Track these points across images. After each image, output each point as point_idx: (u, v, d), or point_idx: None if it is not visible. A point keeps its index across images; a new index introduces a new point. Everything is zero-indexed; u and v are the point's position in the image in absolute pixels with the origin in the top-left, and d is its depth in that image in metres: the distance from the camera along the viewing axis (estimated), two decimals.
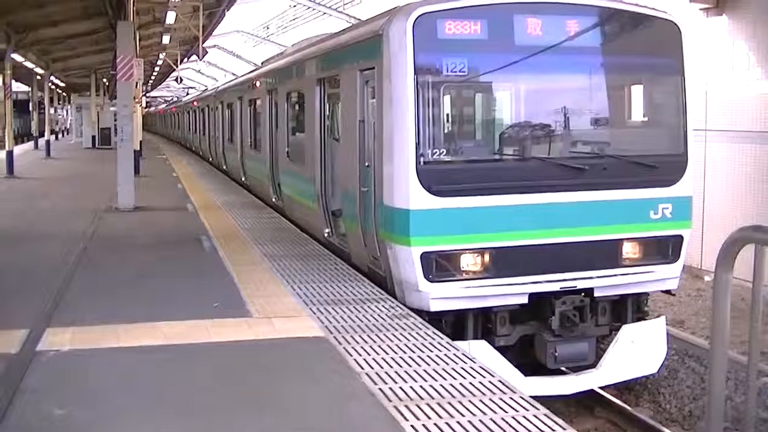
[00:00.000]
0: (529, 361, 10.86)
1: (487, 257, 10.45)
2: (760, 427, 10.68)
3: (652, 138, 12.08)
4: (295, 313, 9.57)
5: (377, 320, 9.27)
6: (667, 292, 11.99)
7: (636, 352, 11.23)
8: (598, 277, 10.86)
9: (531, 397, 6.86)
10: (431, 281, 10.24)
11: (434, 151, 10.42)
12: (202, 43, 38.26)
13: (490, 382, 7.21)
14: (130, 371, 7.61)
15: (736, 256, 4.55)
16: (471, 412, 6.44)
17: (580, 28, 11.08)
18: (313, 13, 52.42)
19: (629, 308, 11.44)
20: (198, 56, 42.66)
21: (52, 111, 65.87)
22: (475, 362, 7.79)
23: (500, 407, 6.56)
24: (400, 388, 7.00)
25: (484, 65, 11.01)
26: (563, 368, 11.29)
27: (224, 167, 31.06)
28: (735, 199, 18.37)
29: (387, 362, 7.72)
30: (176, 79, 57.65)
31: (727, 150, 18.74)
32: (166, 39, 38.76)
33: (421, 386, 7.05)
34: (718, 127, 18.85)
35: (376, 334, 8.67)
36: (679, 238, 11.34)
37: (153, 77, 70.18)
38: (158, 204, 20.60)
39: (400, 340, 8.50)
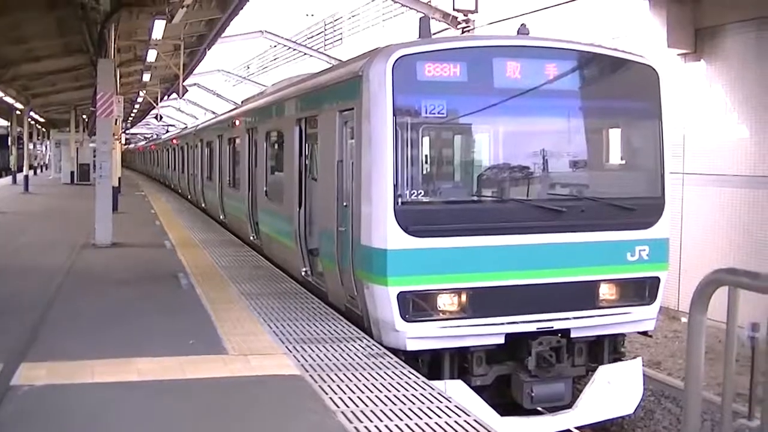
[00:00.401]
0: (505, 401, 10.83)
1: (464, 297, 10.46)
2: None
3: (630, 181, 12.16)
4: (271, 351, 9.54)
5: (353, 359, 9.25)
6: (644, 333, 12.00)
7: (612, 392, 11.23)
8: (575, 318, 10.88)
9: None
10: (408, 321, 10.23)
11: (412, 191, 10.45)
12: (183, 81, 38.28)
13: (465, 421, 7.20)
14: (104, 407, 7.57)
15: (711, 297, 4.58)
16: None
17: (559, 71, 11.18)
18: (293, 53, 52.69)
19: (606, 349, 11.46)
20: (178, 94, 42.71)
21: (31, 146, 65.70)
22: (451, 401, 7.79)
23: None
24: (376, 426, 6.98)
25: (463, 107, 11.08)
26: (540, 408, 11.27)
27: (203, 205, 31.01)
28: (711, 241, 18.47)
29: (363, 401, 7.71)
30: (156, 117, 57.64)
31: (704, 193, 18.86)
32: (146, 77, 38.74)
33: (396, 425, 7.04)
34: (696, 171, 18.99)
35: (353, 373, 8.66)
36: (656, 280, 11.39)
37: (133, 114, 70.08)
38: (136, 240, 20.51)
39: (376, 378, 8.49)
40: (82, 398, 7.80)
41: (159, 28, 23.69)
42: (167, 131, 73.02)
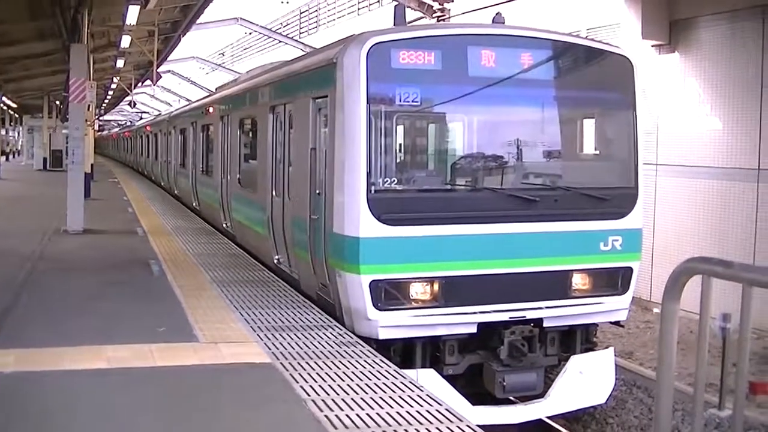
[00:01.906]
0: (477, 391, 10.83)
1: (436, 286, 10.44)
2: None
3: (604, 171, 12.17)
4: (242, 339, 9.49)
5: (325, 347, 9.21)
6: (616, 323, 12.02)
7: (584, 382, 11.24)
8: (548, 307, 10.89)
9: (479, 426, 6.83)
10: (380, 309, 10.21)
11: (385, 180, 10.42)
12: (157, 68, 38.10)
13: (437, 410, 7.17)
14: (72, 395, 7.50)
15: (684, 286, 4.56)
16: None
17: (534, 61, 11.16)
18: (268, 41, 52.53)
19: (578, 339, 11.48)
20: (152, 81, 42.48)
21: (3, 132, 65.27)
22: (422, 390, 7.76)
23: None
24: (347, 415, 6.94)
25: (437, 95, 11.05)
26: (511, 398, 11.28)
27: (176, 192, 30.90)
28: (684, 232, 18.55)
29: (334, 389, 7.67)
30: (130, 104, 57.34)
31: (677, 184, 18.94)
32: (120, 63, 38.56)
33: (367, 414, 7.00)
34: (669, 162, 19.06)
35: (324, 361, 8.61)
36: (629, 270, 11.41)
37: (106, 101, 69.79)
38: (108, 227, 20.39)
39: (347, 367, 8.45)
40: (51, 386, 7.72)
41: (133, 13, 23.55)
42: (141, 118, 72.74)
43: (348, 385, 7.84)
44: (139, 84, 54.46)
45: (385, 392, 7.66)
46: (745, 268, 4.21)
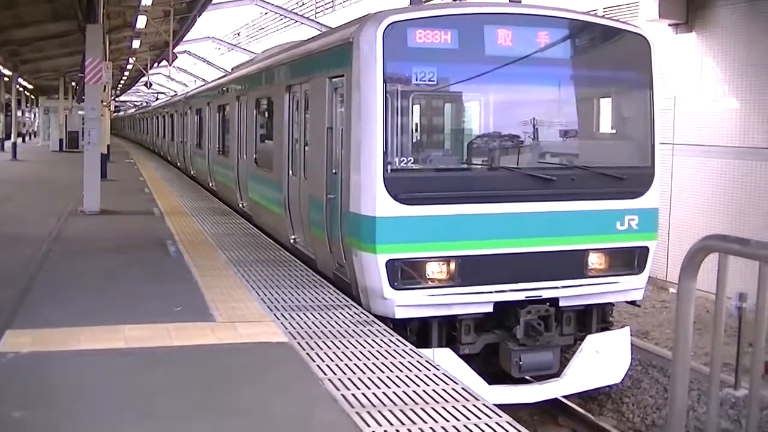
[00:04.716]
0: (493, 370, 10.86)
1: (452, 265, 10.44)
2: None
3: (620, 150, 12.14)
4: (259, 318, 9.51)
5: (342, 326, 9.23)
6: (632, 303, 12.02)
7: (600, 361, 11.25)
8: (564, 287, 10.89)
9: (495, 405, 6.85)
10: (396, 289, 10.22)
11: (402, 159, 10.42)
12: (173, 48, 38.08)
13: (453, 389, 7.19)
14: (90, 374, 7.54)
15: (700, 264, 4.55)
16: (434, 419, 6.42)
17: (551, 40, 11.12)
18: (284, 21, 52.45)
19: (594, 318, 11.48)
20: (168, 61, 42.48)
21: (19, 113, 65.40)
22: (439, 369, 7.77)
23: (464, 415, 6.54)
24: (363, 394, 6.97)
25: (453, 75, 11.03)
26: (527, 377, 11.29)
27: (192, 172, 30.95)
28: (700, 212, 18.50)
29: (350, 368, 7.69)
30: (146, 84, 57.38)
31: (694, 164, 18.88)
32: (136, 43, 38.55)
33: (384, 393, 7.03)
34: (685, 141, 18.99)
35: (340, 341, 8.64)
36: (645, 250, 11.39)
37: (122, 82, 69.79)
38: (124, 208, 20.45)
39: (364, 346, 8.47)
40: (69, 366, 7.76)
41: None
42: (157, 99, 72.77)
43: (365, 364, 7.86)
44: (155, 64, 54.43)
45: (401, 371, 7.68)
46: (763, 246, 4.20)
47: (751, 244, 4.22)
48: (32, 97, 76.41)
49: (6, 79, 49.27)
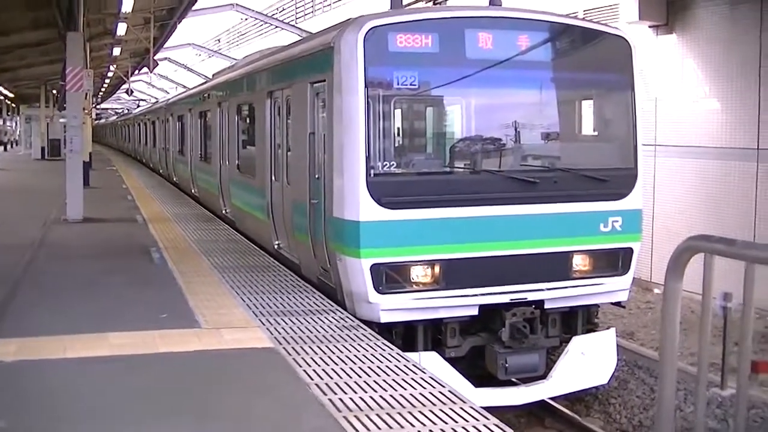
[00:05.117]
0: (479, 372, 10.86)
1: (437, 269, 10.45)
2: None
3: (603, 152, 12.17)
4: (244, 324, 9.50)
5: (327, 331, 9.22)
6: (617, 304, 12.04)
7: (586, 363, 11.28)
8: (549, 289, 10.90)
9: (481, 407, 6.85)
10: (381, 293, 10.23)
11: (384, 163, 10.43)
12: (153, 55, 37.95)
13: (440, 392, 7.19)
14: (75, 382, 7.51)
15: (686, 264, 4.57)
16: (421, 423, 6.42)
17: (532, 42, 11.14)
18: (265, 27, 52.38)
19: (579, 320, 11.50)
20: (149, 68, 42.32)
21: (0, 122, 65.14)
22: (425, 373, 7.78)
23: (450, 417, 6.55)
24: (350, 398, 6.96)
25: (435, 79, 11.05)
26: (514, 379, 11.30)
27: (174, 179, 30.90)
28: (683, 212, 18.57)
29: (337, 373, 7.69)
30: (127, 92, 57.19)
31: (676, 165, 18.94)
32: (116, 51, 38.42)
33: (371, 397, 7.03)
34: (667, 142, 19.05)
35: (326, 345, 8.63)
36: (629, 251, 11.42)
37: (103, 89, 69.56)
38: (108, 215, 20.37)
39: (350, 351, 8.47)
40: (54, 374, 7.73)
41: (128, 0, 23.46)
42: (138, 106, 72.59)
43: (351, 368, 7.86)
44: (136, 72, 54.28)
45: (388, 375, 7.68)
46: (747, 246, 4.22)
47: (736, 244, 4.24)
48: (13, 105, 76.08)
49: None
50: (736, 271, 4.31)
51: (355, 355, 8.31)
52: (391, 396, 7.07)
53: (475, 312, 10.59)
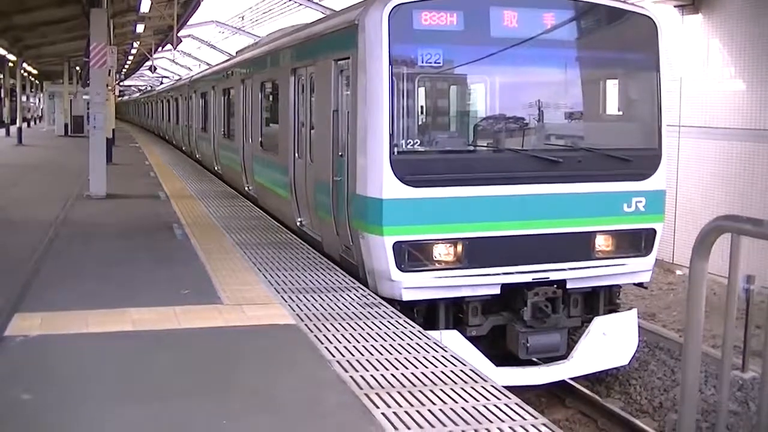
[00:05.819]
0: (501, 352, 10.86)
1: (459, 247, 10.44)
2: (730, 419, 10.73)
3: (627, 132, 12.10)
4: (266, 301, 9.52)
5: (349, 309, 9.23)
6: (640, 285, 12.01)
7: (607, 343, 11.26)
8: (571, 269, 10.88)
9: (502, 386, 6.85)
10: (403, 271, 10.22)
11: (408, 141, 10.40)
12: (177, 32, 38.04)
13: (461, 371, 7.19)
14: (98, 357, 7.54)
15: (712, 245, 4.54)
16: (442, 401, 6.42)
17: (557, 21, 11.07)
18: (288, 4, 52.24)
19: (601, 300, 11.48)
20: (172, 45, 42.48)
21: (24, 98, 65.39)
22: (446, 351, 7.77)
23: (471, 396, 6.55)
24: (372, 376, 6.97)
25: (459, 57, 11.01)
26: (535, 359, 11.29)
27: (197, 156, 30.95)
28: (707, 194, 18.46)
29: (358, 350, 7.69)
30: (150, 68, 57.31)
31: (700, 146, 18.83)
32: (140, 28, 38.46)
33: (392, 374, 7.03)
34: (692, 123, 18.94)
35: (348, 323, 8.64)
36: (652, 232, 11.37)
37: (127, 66, 69.80)
38: (130, 192, 20.45)
39: (371, 328, 8.47)
40: (77, 348, 7.78)
41: None
42: (161, 83, 72.71)
43: (372, 346, 7.87)
44: (159, 49, 54.41)
45: (409, 353, 7.67)
46: None
47: (763, 224, 4.20)
48: (37, 82, 76.36)
49: (11, 64, 49.17)
50: (759, 251, 4.28)
51: (376, 333, 8.31)
52: (412, 374, 7.06)
53: (497, 291, 10.58)
